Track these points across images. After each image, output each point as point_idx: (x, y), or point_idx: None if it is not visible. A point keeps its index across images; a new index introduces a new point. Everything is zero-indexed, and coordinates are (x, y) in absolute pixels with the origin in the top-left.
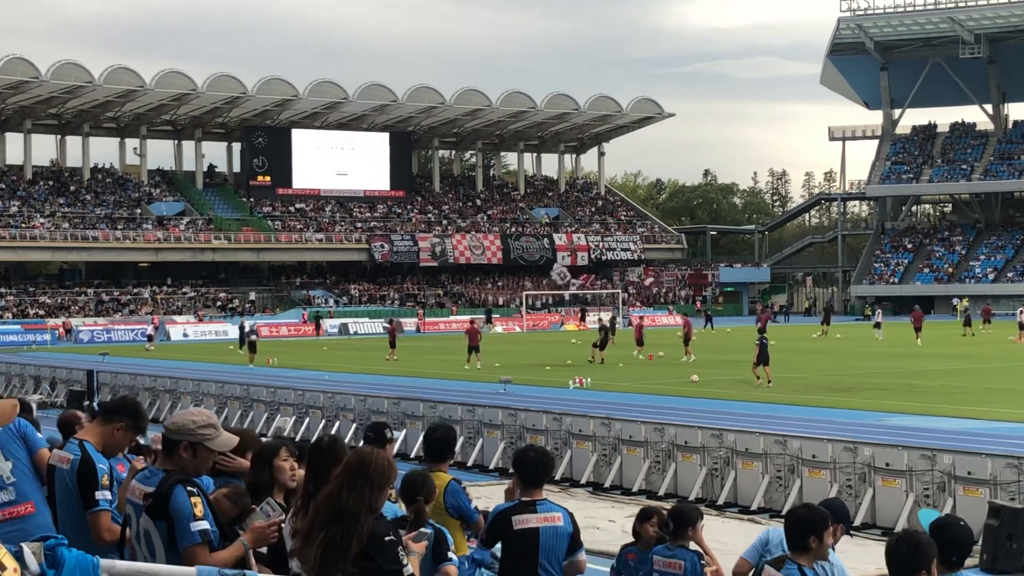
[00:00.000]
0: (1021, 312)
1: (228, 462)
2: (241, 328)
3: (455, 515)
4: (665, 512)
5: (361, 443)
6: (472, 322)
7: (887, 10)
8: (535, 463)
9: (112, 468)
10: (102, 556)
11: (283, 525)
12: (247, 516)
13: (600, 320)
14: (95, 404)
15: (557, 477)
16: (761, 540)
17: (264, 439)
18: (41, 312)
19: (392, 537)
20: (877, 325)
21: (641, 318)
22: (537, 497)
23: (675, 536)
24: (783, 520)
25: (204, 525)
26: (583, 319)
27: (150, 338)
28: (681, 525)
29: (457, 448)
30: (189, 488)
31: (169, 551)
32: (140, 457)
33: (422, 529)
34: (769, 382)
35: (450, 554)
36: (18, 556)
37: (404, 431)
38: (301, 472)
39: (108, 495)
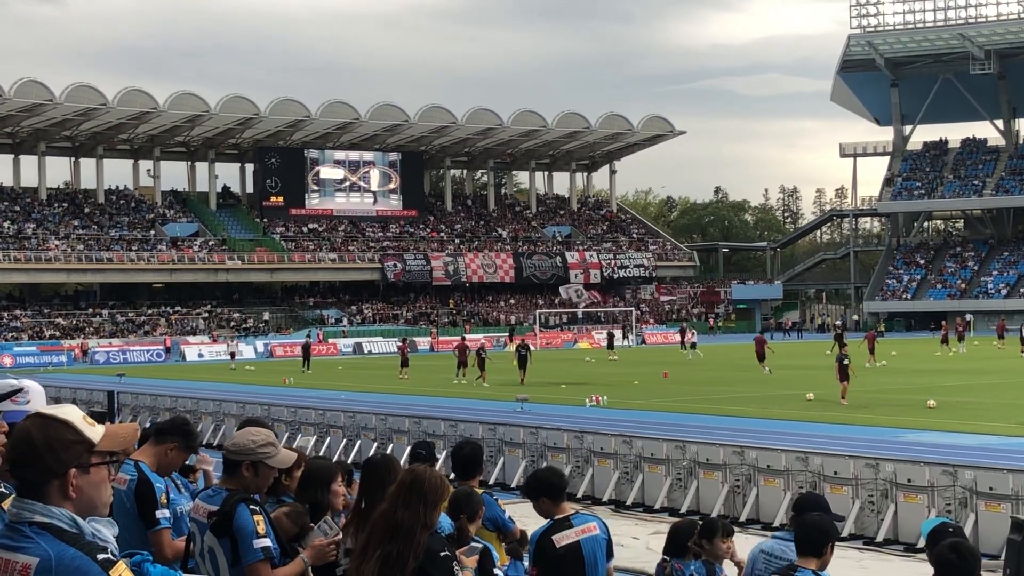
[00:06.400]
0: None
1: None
2: (306, 348)
3: (491, 528)
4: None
5: (404, 460)
6: (463, 339)
7: (897, 27)
8: (558, 478)
9: (168, 486)
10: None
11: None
12: (306, 534)
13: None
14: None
15: (579, 495)
16: (762, 550)
17: (317, 460)
18: (56, 333)
19: (447, 553)
20: (693, 345)
21: (762, 333)
22: (569, 512)
23: (701, 549)
24: (796, 525)
25: (266, 542)
26: (625, 336)
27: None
28: (705, 535)
29: None
30: (252, 506)
31: (233, 568)
32: (202, 456)
33: (473, 544)
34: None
35: (496, 571)
36: None
37: None
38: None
39: (167, 513)
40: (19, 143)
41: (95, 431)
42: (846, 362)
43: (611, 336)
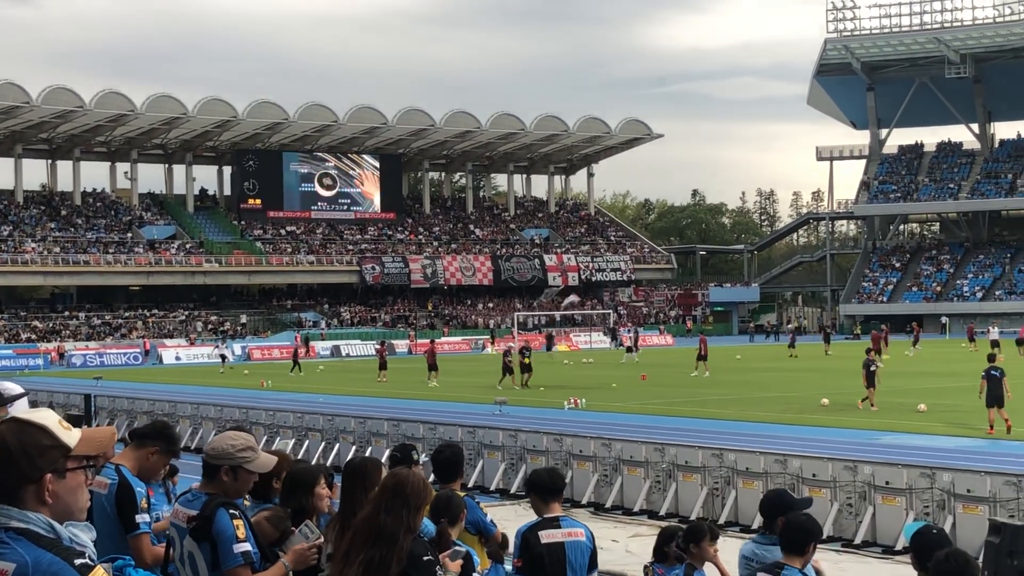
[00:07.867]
0: (990, 330)
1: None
2: (295, 353)
3: (473, 531)
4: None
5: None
6: (432, 342)
7: (873, 31)
8: (550, 478)
9: (148, 490)
10: None
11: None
12: (287, 538)
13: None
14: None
15: None
16: (743, 555)
17: (299, 464)
18: (33, 336)
19: (430, 557)
20: (630, 349)
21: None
22: (558, 514)
23: (687, 553)
24: (783, 526)
25: (246, 547)
26: (614, 339)
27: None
28: (692, 538)
29: None
30: (231, 511)
31: (212, 572)
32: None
33: (456, 548)
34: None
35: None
36: None
37: None
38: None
39: (147, 518)
40: None
41: (71, 435)
42: (873, 368)
43: (550, 338)
